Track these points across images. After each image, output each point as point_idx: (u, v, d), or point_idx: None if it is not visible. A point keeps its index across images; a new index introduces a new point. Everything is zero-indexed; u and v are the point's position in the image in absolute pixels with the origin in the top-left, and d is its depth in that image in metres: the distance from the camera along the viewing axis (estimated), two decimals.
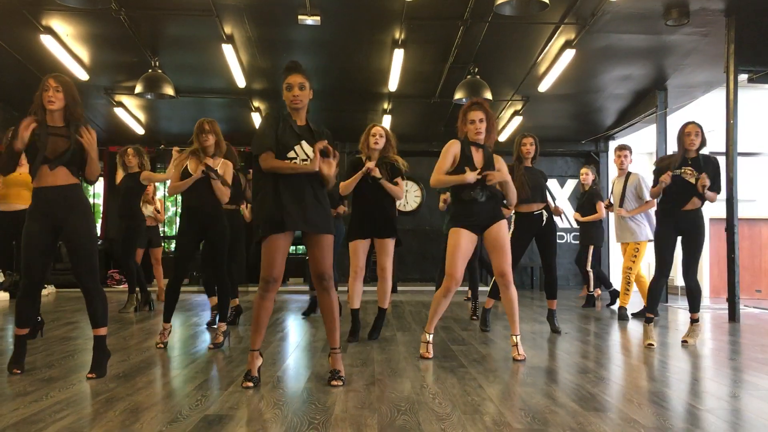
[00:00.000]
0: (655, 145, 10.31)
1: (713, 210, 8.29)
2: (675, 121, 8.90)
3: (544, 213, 6.05)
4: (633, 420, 3.09)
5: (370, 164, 5.33)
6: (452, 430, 2.88)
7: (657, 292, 5.41)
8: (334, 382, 3.79)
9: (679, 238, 5.47)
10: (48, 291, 9.98)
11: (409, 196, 13.06)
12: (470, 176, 4.53)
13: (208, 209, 5.15)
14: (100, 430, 2.86)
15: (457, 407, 3.29)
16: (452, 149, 4.65)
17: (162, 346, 5.06)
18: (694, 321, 5.59)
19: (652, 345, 5.28)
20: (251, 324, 3.90)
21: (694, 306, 5.54)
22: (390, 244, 5.54)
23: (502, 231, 4.69)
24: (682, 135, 5.46)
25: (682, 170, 5.35)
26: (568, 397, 3.55)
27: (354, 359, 4.60)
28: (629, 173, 7.43)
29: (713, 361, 4.95)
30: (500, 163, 4.76)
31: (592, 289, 9.08)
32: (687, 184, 5.33)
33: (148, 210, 8.79)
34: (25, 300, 4.10)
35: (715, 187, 5.35)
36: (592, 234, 9.04)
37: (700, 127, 5.46)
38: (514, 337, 4.73)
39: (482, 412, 3.21)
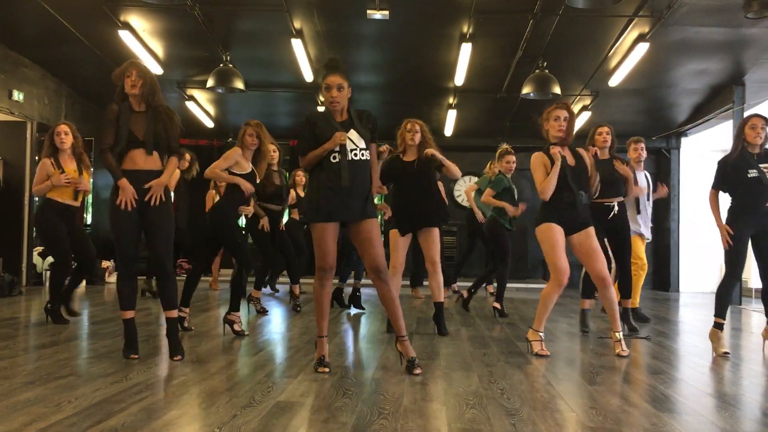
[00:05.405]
0: (730, 142, 9.94)
1: None
2: None
3: (616, 206, 5.86)
4: (710, 422, 3.01)
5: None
6: (523, 426, 2.86)
7: (728, 296, 5.11)
8: (416, 371, 3.81)
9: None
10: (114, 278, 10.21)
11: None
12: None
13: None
14: (179, 411, 2.97)
15: (526, 403, 3.27)
16: (540, 160, 4.68)
17: (243, 331, 5.25)
18: None
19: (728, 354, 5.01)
20: (316, 313, 3.98)
21: None
22: (436, 233, 5.50)
23: (591, 236, 4.65)
24: (744, 128, 5.25)
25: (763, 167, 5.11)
26: (641, 397, 3.48)
27: (420, 353, 4.60)
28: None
29: None
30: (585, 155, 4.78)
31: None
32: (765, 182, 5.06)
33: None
34: (125, 282, 4.21)
35: None
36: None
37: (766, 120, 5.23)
38: (615, 333, 4.73)
39: (552, 408, 3.18)
